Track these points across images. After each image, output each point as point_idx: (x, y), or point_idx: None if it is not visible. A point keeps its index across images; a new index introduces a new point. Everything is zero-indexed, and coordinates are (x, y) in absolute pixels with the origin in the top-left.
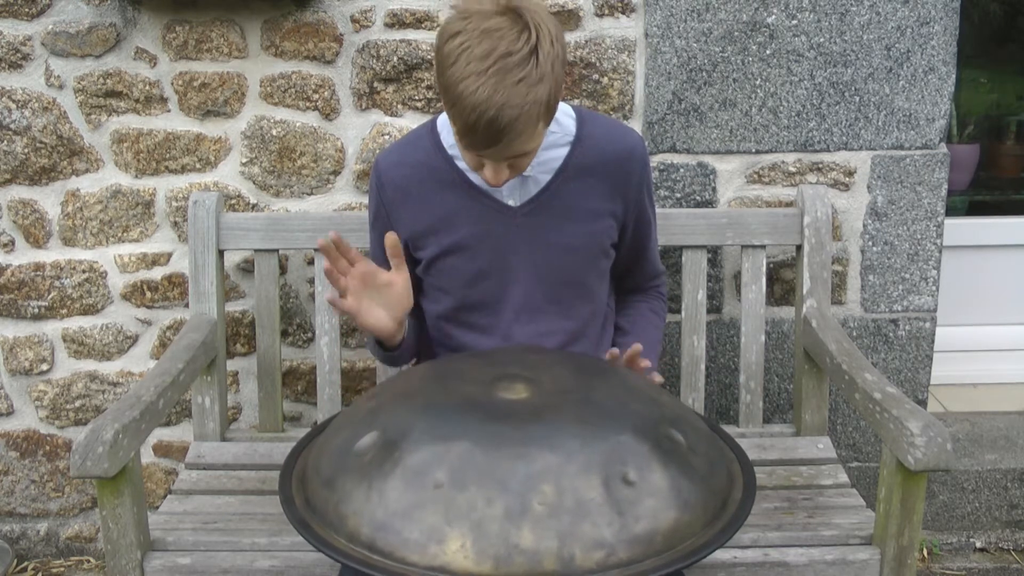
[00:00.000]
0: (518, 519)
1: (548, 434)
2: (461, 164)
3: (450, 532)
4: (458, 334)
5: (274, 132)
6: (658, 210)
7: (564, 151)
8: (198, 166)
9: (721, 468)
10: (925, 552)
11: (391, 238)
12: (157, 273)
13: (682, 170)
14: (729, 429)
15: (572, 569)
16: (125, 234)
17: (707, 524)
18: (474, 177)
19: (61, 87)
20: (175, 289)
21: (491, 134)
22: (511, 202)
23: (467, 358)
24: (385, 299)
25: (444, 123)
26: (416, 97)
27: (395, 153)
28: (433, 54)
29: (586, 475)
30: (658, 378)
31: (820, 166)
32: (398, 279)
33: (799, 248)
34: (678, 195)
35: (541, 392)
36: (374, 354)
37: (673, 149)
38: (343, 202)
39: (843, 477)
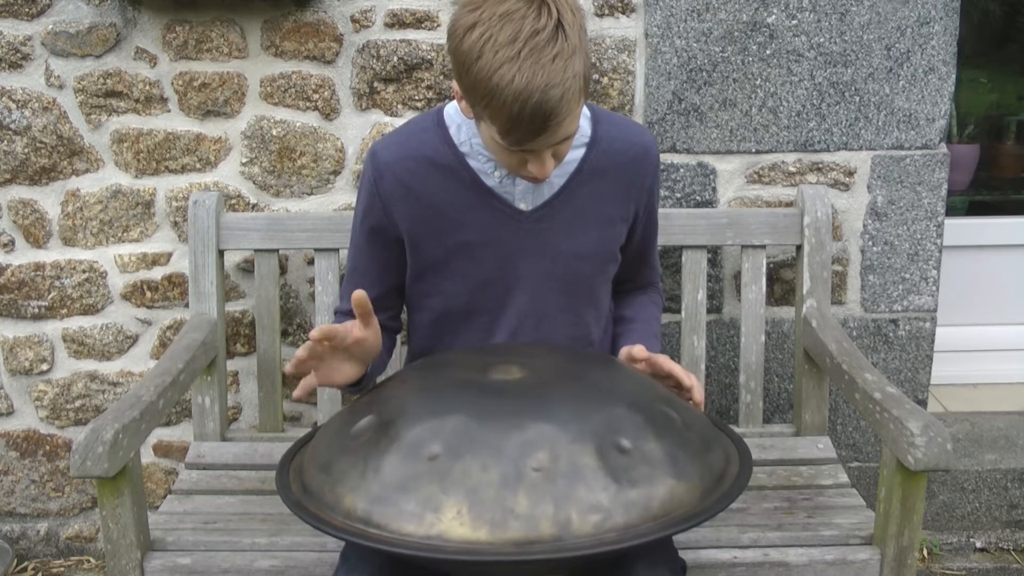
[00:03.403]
0: (513, 484)
1: (541, 406)
2: (472, 162)
3: (446, 500)
4: (455, 341)
5: (274, 132)
6: (658, 210)
7: (580, 153)
8: (198, 166)
9: (717, 447)
10: (925, 552)
11: (359, 295)
12: (157, 273)
13: (682, 170)
14: None
15: (569, 533)
16: (125, 234)
17: (703, 496)
18: (485, 177)
19: (61, 87)
20: (175, 289)
21: (539, 121)
22: (523, 206)
23: (461, 351)
24: (354, 354)
25: (451, 115)
26: (416, 97)
27: (396, 144)
28: (435, 51)
29: (580, 443)
30: (699, 395)
31: (820, 166)
32: (368, 334)
33: (799, 248)
34: (678, 195)
35: (535, 373)
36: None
37: (673, 149)
38: (343, 202)
39: (843, 477)
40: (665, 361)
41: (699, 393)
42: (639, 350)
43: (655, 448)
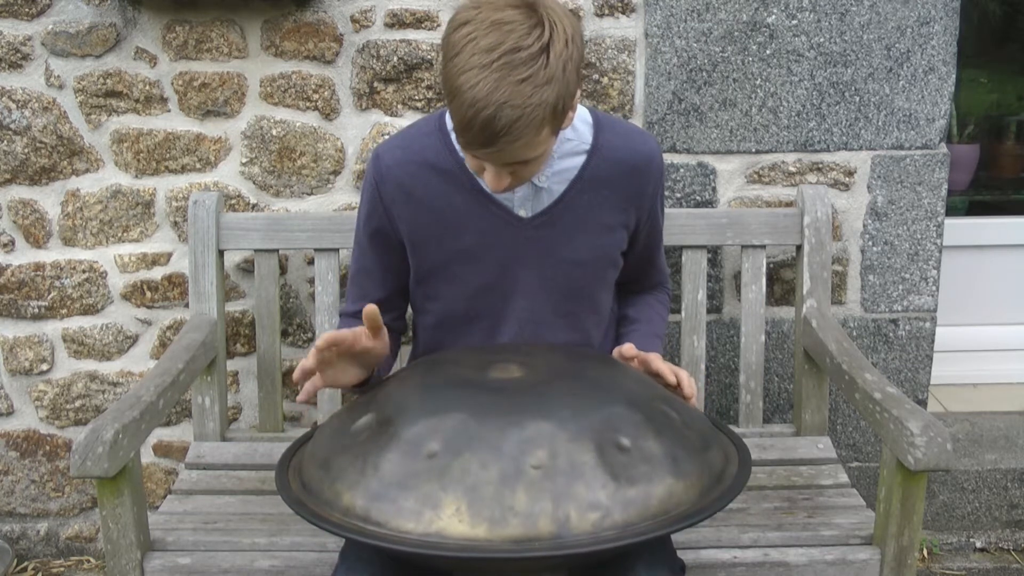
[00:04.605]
0: (512, 482)
1: (541, 405)
2: None
3: (445, 498)
4: (456, 345)
5: (274, 132)
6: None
7: (580, 160)
8: (198, 166)
9: (716, 446)
10: (925, 552)
11: (370, 309)
12: (157, 273)
13: (682, 170)
14: None
15: (568, 531)
16: (125, 234)
17: (702, 495)
18: (485, 183)
19: (61, 87)
20: (175, 289)
21: (487, 134)
22: (522, 213)
23: (461, 350)
24: (360, 360)
25: None
26: (416, 97)
27: (399, 148)
28: (435, 51)
29: (579, 441)
30: (693, 397)
31: (820, 166)
32: (376, 344)
33: (799, 248)
34: (678, 195)
35: (534, 372)
36: None
37: (673, 149)
38: (343, 202)
39: (843, 477)
40: (654, 359)
41: (688, 387)
42: (628, 348)
43: (654, 446)
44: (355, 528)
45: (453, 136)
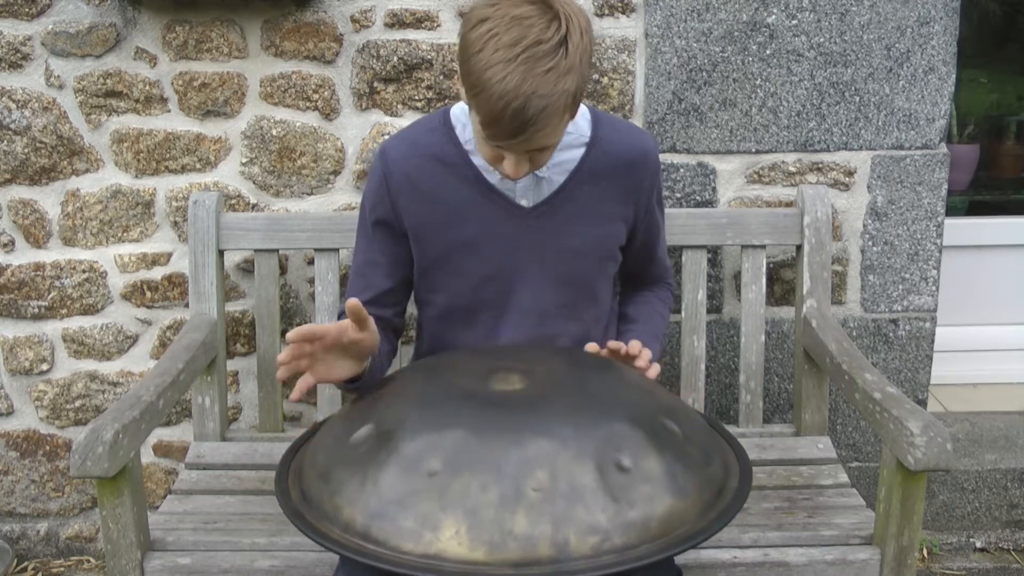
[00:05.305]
0: (512, 505)
1: (542, 421)
2: (476, 160)
3: (444, 519)
4: (459, 337)
5: (274, 132)
6: (664, 210)
7: (579, 152)
8: (198, 166)
9: (716, 458)
10: (925, 552)
11: (353, 303)
12: (157, 273)
13: (682, 170)
14: (729, 429)
15: (567, 554)
16: (125, 234)
17: (702, 512)
18: (488, 175)
19: (61, 87)
20: (175, 289)
21: (517, 124)
22: (524, 203)
23: (462, 353)
24: (351, 352)
25: (457, 115)
26: (416, 97)
27: (405, 143)
28: (435, 51)
29: (580, 461)
30: (654, 371)
31: (820, 166)
32: (364, 335)
33: (799, 248)
34: (678, 195)
35: (536, 383)
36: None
37: (673, 149)
38: (343, 202)
39: (843, 477)
40: (615, 343)
41: (639, 356)
42: (591, 347)
43: (655, 465)
44: (354, 547)
45: (457, 131)
